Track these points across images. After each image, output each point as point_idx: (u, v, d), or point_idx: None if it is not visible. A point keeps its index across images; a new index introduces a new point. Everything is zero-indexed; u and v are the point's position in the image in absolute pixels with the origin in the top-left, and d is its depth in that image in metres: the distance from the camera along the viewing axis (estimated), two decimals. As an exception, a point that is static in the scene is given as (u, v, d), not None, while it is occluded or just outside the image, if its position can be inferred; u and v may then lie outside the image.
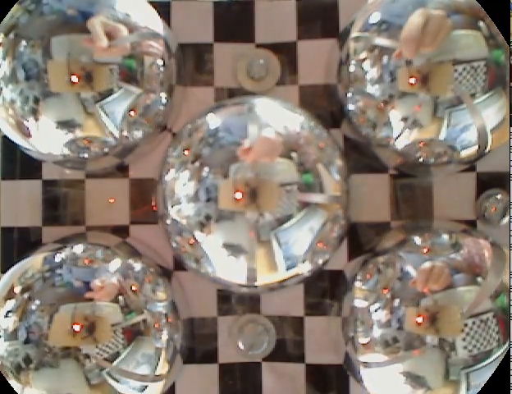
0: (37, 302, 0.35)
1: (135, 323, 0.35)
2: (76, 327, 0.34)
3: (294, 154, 0.35)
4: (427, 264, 0.35)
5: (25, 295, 0.35)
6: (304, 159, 0.35)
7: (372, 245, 0.40)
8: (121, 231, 0.41)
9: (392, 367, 0.35)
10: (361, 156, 0.41)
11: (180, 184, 0.36)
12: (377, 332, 0.35)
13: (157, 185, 0.39)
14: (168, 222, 0.37)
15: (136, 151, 0.40)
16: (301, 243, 0.35)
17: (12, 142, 0.38)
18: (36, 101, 0.35)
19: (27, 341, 0.34)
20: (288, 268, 0.36)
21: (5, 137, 0.39)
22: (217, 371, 0.41)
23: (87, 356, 0.34)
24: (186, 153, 0.36)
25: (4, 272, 0.38)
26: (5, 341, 0.34)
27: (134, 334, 0.35)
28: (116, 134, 0.37)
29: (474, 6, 0.35)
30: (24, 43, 0.35)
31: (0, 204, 0.41)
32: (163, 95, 0.38)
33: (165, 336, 0.37)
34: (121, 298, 0.35)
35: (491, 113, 0.35)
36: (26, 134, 0.37)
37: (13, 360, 0.34)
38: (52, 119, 0.36)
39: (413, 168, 0.40)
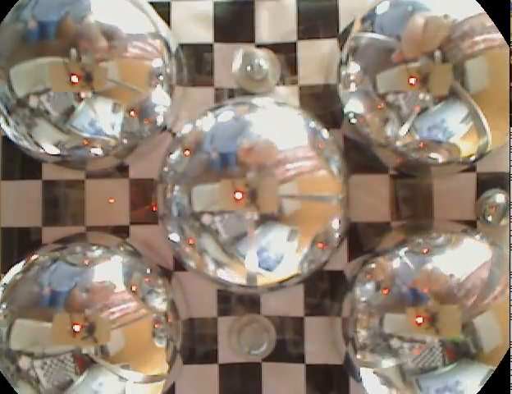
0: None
1: (135, 324, 0.35)
2: (76, 328, 0.34)
3: (294, 155, 0.35)
4: (428, 265, 0.35)
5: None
6: (304, 159, 0.35)
7: (372, 245, 0.40)
8: (121, 231, 0.41)
9: (392, 367, 0.35)
10: (361, 156, 0.41)
11: (180, 184, 0.36)
12: (377, 333, 0.35)
13: (157, 185, 0.39)
14: (168, 221, 0.37)
15: (136, 151, 0.40)
16: (301, 243, 0.35)
17: (12, 142, 0.38)
18: (36, 101, 0.35)
19: None
20: (288, 268, 0.36)
21: (5, 137, 0.39)
22: (217, 371, 0.41)
23: (87, 356, 0.34)
24: (186, 153, 0.36)
25: (4, 272, 0.38)
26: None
27: (133, 334, 0.35)
28: (116, 134, 0.37)
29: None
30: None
31: (0, 204, 0.41)
32: (163, 95, 0.38)
33: (165, 336, 0.37)
34: (120, 298, 0.35)
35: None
36: (26, 134, 0.37)
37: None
38: (52, 119, 0.36)
39: (413, 168, 0.40)
